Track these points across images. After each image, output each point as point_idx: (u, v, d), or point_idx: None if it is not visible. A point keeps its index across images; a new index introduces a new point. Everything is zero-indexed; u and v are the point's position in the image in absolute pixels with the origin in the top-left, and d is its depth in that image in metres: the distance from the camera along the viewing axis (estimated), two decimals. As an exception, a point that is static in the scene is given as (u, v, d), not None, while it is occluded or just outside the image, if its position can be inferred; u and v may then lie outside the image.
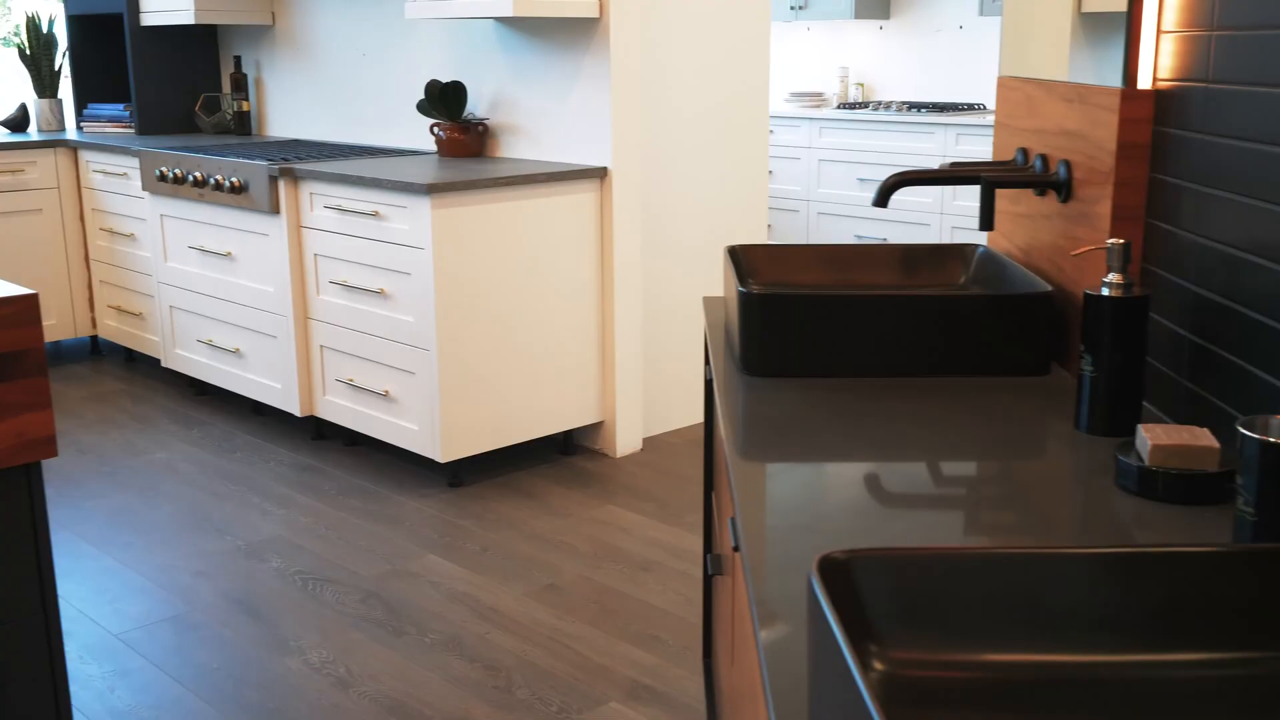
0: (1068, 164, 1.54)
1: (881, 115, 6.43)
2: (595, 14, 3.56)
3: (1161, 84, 1.35)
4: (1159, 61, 1.35)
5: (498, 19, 3.87)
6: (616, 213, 3.69)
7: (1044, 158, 1.64)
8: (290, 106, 4.86)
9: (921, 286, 1.81)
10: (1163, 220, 1.35)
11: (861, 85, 7.13)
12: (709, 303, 1.94)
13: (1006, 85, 1.84)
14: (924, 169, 1.64)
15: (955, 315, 1.49)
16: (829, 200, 6.75)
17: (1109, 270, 1.27)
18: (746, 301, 1.51)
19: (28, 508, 1.80)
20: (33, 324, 1.77)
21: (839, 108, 6.87)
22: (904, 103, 6.64)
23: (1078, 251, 1.26)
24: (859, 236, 6.63)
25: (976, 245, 1.81)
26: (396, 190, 3.37)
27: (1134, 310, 1.26)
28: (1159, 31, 1.34)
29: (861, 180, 6.59)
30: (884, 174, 6.48)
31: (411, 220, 3.37)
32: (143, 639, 2.67)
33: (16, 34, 5.29)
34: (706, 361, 2.05)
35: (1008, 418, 1.36)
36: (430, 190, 3.27)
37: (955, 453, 1.25)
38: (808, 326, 1.50)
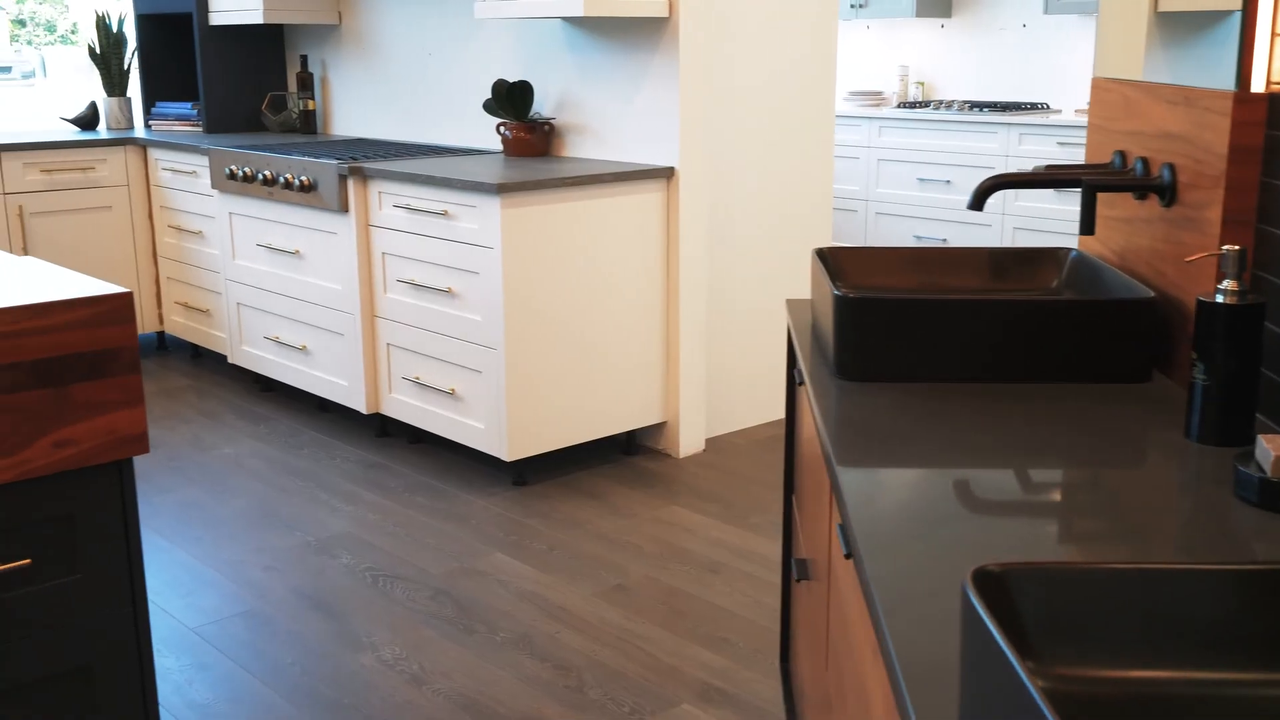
0: (1171, 167, 1.52)
1: (943, 114, 6.37)
2: (665, 13, 3.55)
3: (1276, 87, 1.32)
4: (1273, 64, 1.32)
5: (565, 19, 3.88)
6: (683, 212, 3.68)
7: (1144, 161, 1.61)
8: (355, 105, 4.90)
9: (1012, 290, 1.79)
10: (1275, 226, 1.32)
11: (921, 84, 7.07)
12: (793, 305, 1.93)
13: (1101, 87, 1.81)
14: (1020, 172, 1.61)
15: (1056, 320, 1.47)
16: (888, 200, 6.70)
17: (1223, 276, 1.24)
18: (842, 305, 1.49)
19: (119, 503, 1.83)
20: (126, 322, 1.79)
21: (898, 107, 6.82)
22: (965, 102, 6.58)
23: (1192, 258, 1.23)
24: (918, 238, 6.58)
25: (1069, 249, 1.78)
26: (467, 190, 3.39)
27: (1250, 317, 1.23)
28: (1274, 35, 1.32)
29: (922, 180, 6.53)
30: (945, 174, 6.42)
31: (481, 219, 3.38)
32: (217, 633, 2.69)
33: (74, 32, 5.37)
34: (790, 364, 2.04)
35: (1111, 425, 1.34)
36: (500, 190, 3.28)
37: (1061, 460, 1.23)
38: (903, 331, 1.49)
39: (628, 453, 3.85)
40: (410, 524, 3.30)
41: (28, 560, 1.72)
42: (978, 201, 1.59)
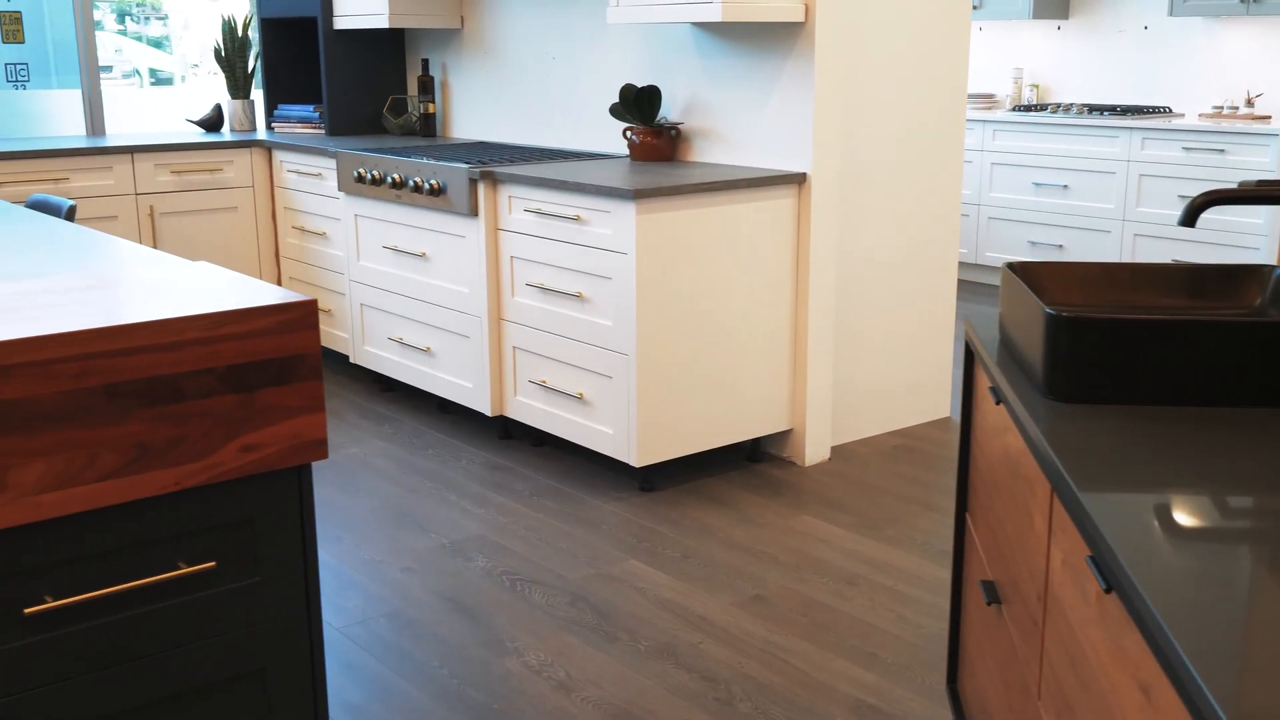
0: (1405, 184, 1.45)
1: (1061, 118, 6.24)
2: (801, 18, 3.52)
3: None
4: None
5: (695, 24, 3.86)
6: (814, 219, 3.65)
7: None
8: (474, 109, 4.93)
9: (1215, 309, 1.73)
10: None
11: (1036, 87, 6.94)
12: (971, 320, 1.89)
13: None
14: (1232, 188, 1.56)
15: (1284, 343, 1.41)
16: (1002, 205, 6.59)
17: None
18: (1056, 325, 1.45)
19: (298, 507, 1.84)
20: (311, 329, 1.80)
21: (1012, 110, 6.69)
22: (1085, 105, 6.44)
23: None
24: (1032, 244, 6.46)
25: (1273, 266, 1.72)
26: (601, 195, 3.38)
27: None
28: None
29: (1037, 185, 6.41)
30: (1062, 179, 6.29)
31: (614, 224, 3.38)
32: (363, 634, 2.72)
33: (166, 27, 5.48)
34: (967, 380, 1.99)
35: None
36: (636, 195, 3.27)
37: (1313, 492, 1.18)
38: (1119, 351, 1.44)
39: (752, 460, 3.82)
40: (541, 528, 3.30)
41: (213, 563, 1.74)
42: (1190, 218, 1.54)
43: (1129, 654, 1.05)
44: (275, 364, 1.76)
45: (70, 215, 2.88)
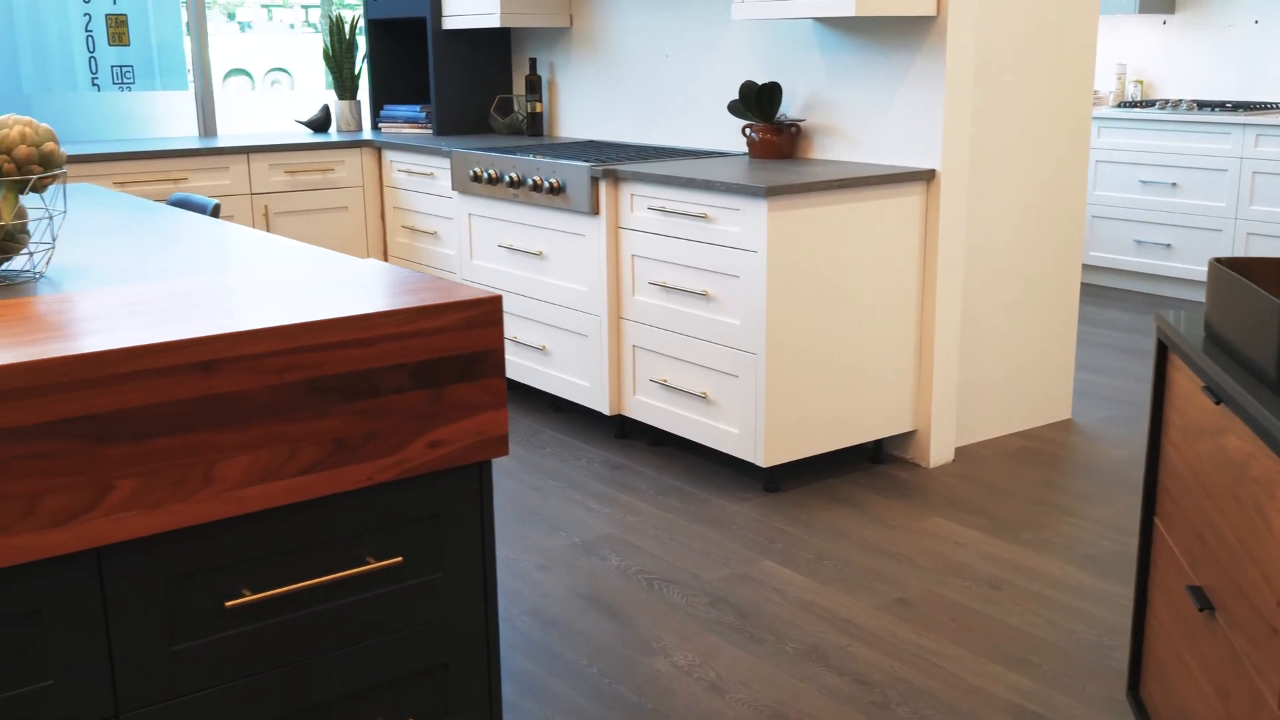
0: None
1: (1169, 114, 6.11)
2: (932, 12, 3.47)
3: None
4: None
5: (817, 20, 3.82)
6: (943, 215, 3.59)
7: None
8: (582, 107, 4.93)
9: None
10: None
11: (1140, 82, 6.80)
12: (1163, 313, 1.83)
13: None
14: None
15: None
16: (1106, 203, 6.46)
17: None
18: (1295, 321, 1.40)
19: (478, 503, 1.84)
20: (496, 325, 1.80)
21: (1117, 106, 6.57)
22: (1194, 101, 6.30)
23: None
24: (1138, 242, 6.33)
25: None
26: (731, 192, 3.36)
27: None
28: None
29: (1144, 183, 6.27)
30: (1170, 176, 6.15)
31: (743, 223, 3.35)
32: (508, 632, 2.72)
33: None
34: (1158, 380, 1.94)
35: None
36: (769, 193, 3.24)
37: None
38: (1363, 349, 1.39)
39: (874, 460, 3.77)
40: (670, 527, 3.28)
41: (399, 558, 1.74)
42: None
43: None
44: (462, 360, 1.76)
45: (215, 214, 2.91)
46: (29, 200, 2.63)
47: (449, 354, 1.75)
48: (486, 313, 1.78)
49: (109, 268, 2.00)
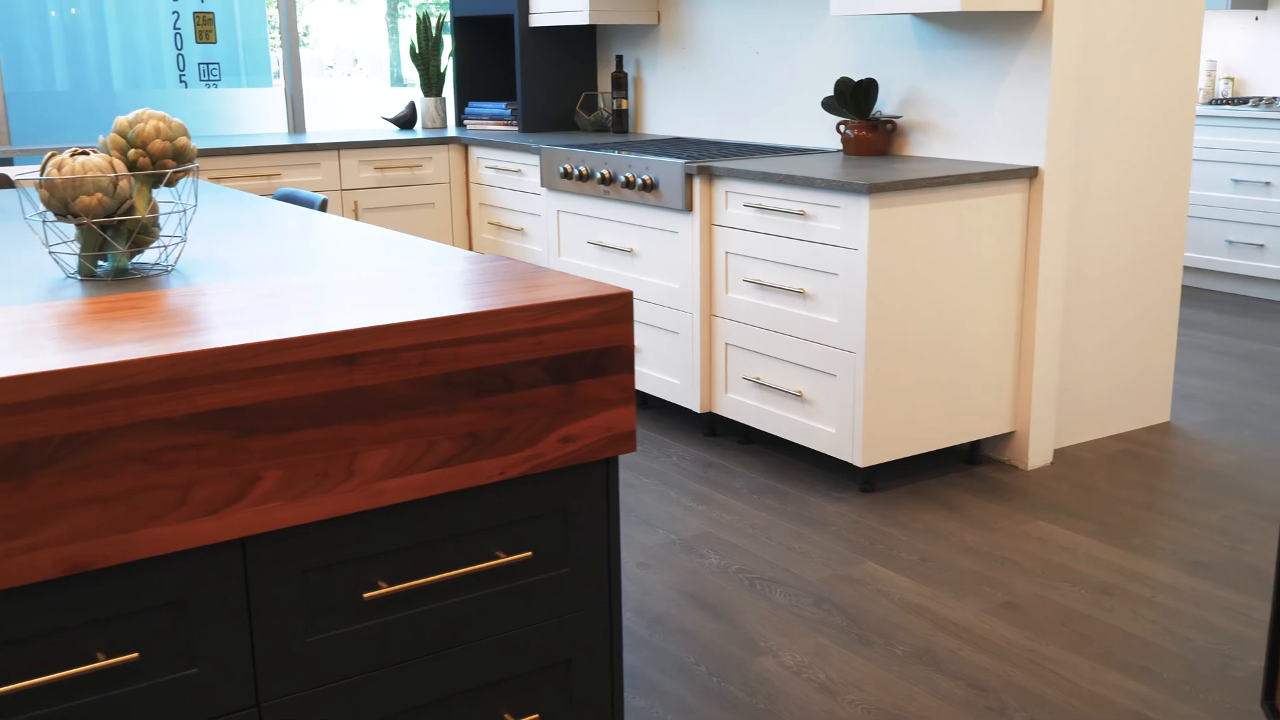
0: None
1: (1264, 111, 5.96)
2: (1038, 8, 3.40)
3: None
4: None
5: (916, 15, 3.77)
6: (1046, 214, 3.53)
7: None
8: (668, 104, 4.91)
9: None
10: None
11: (1230, 79, 6.65)
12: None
13: None
14: None
15: None
16: (1198, 203, 6.32)
17: None
18: None
19: (605, 501, 1.83)
20: (626, 320, 1.79)
21: (1208, 104, 6.42)
22: (1291, 98, 6.14)
23: None
24: (1230, 242, 6.18)
25: None
26: (831, 189, 3.32)
27: None
28: None
29: (1236, 182, 6.13)
30: (1264, 175, 6.01)
31: (844, 220, 3.31)
32: (611, 628, 2.71)
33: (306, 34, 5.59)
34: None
35: None
36: (871, 189, 3.20)
37: None
38: None
39: (970, 462, 3.72)
40: (768, 526, 3.26)
41: (529, 553, 1.73)
42: None
43: None
44: (594, 355, 1.75)
45: (323, 210, 2.93)
46: (160, 194, 2.66)
47: (581, 349, 1.74)
48: (618, 308, 1.77)
49: (234, 261, 2.02)
